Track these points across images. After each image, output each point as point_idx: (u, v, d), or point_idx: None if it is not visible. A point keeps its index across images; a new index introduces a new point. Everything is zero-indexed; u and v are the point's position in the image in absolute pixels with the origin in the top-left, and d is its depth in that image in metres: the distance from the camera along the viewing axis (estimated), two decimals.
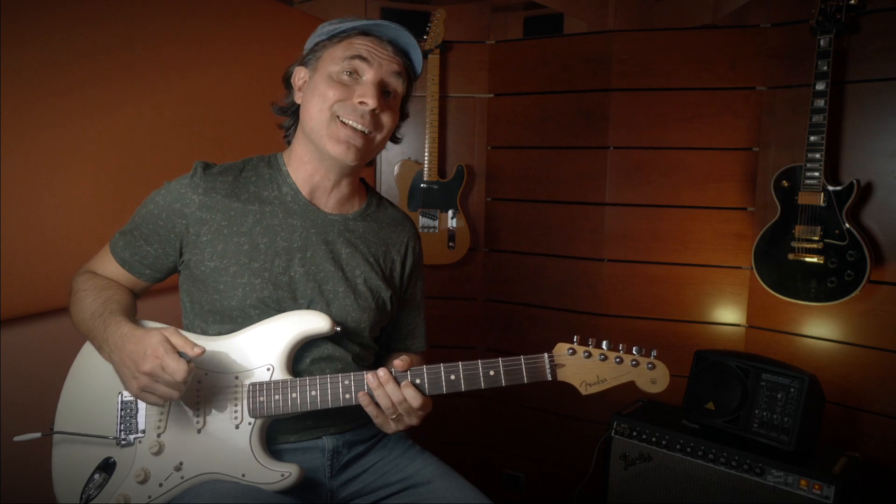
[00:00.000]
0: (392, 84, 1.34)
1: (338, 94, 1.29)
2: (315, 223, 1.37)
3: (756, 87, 2.41)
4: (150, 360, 1.14)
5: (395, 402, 1.24)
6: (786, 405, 1.94)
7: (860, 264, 2.06)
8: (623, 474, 2.15)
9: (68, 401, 1.32)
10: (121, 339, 1.20)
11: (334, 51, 1.33)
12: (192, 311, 1.36)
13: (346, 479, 1.40)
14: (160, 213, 1.32)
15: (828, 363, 2.26)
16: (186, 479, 1.25)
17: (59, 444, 1.30)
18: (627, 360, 1.28)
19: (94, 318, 1.27)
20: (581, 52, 2.61)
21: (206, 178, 1.33)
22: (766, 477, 1.89)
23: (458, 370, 1.27)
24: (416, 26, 2.63)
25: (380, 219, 1.49)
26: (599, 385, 1.28)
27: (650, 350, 1.30)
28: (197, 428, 1.27)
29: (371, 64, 1.30)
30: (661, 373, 1.28)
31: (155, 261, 1.35)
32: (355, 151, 1.31)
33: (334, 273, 1.36)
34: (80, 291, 1.34)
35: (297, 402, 1.27)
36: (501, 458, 2.96)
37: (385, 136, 1.36)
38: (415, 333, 1.59)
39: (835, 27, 2.05)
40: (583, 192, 2.66)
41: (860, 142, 2.16)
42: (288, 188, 1.38)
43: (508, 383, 1.28)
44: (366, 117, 1.30)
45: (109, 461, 1.25)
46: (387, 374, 1.25)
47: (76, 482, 1.26)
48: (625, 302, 2.62)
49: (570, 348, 1.29)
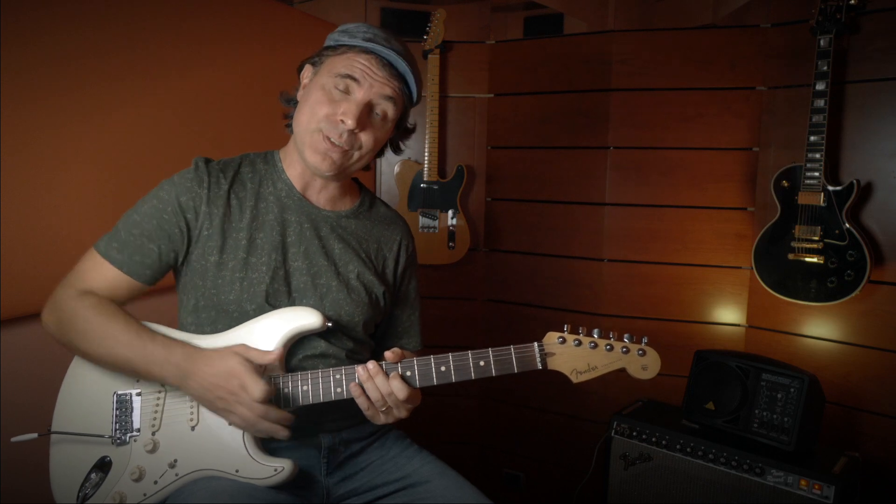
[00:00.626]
0: (381, 106, 1.35)
1: (326, 110, 1.31)
2: (309, 218, 1.40)
3: (756, 87, 2.41)
4: (232, 382, 1.20)
5: (383, 394, 1.25)
6: (786, 405, 1.94)
7: (860, 264, 2.06)
8: (623, 474, 2.15)
9: (65, 400, 1.32)
10: (194, 365, 1.23)
11: (335, 61, 1.34)
12: (188, 307, 1.36)
13: (342, 477, 1.40)
14: (165, 207, 1.31)
15: (828, 363, 2.26)
16: (181, 477, 1.26)
17: (57, 444, 1.31)
18: (618, 347, 1.28)
19: (139, 343, 1.24)
20: (581, 52, 2.61)
21: (209, 173, 1.34)
22: (766, 477, 1.89)
23: (448, 361, 1.28)
24: (416, 26, 2.63)
25: (372, 217, 1.51)
26: (590, 372, 1.28)
27: (640, 337, 1.30)
28: (191, 425, 1.28)
29: (361, 85, 1.32)
30: (651, 359, 1.27)
31: (157, 259, 1.32)
32: (330, 163, 1.33)
33: (327, 268, 1.38)
34: (96, 317, 1.26)
35: (290, 396, 1.27)
36: (501, 458, 2.95)
37: (365, 153, 1.37)
38: (410, 332, 1.59)
39: (835, 27, 2.05)
40: (583, 192, 2.66)
41: (860, 142, 2.16)
42: (283, 184, 1.40)
43: (499, 373, 1.29)
44: (343, 135, 1.32)
45: (105, 460, 1.26)
46: (376, 367, 1.26)
47: (73, 481, 1.26)
48: (625, 302, 2.62)
49: (560, 337, 1.29)
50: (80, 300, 1.28)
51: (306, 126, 1.33)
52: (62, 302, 1.29)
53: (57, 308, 1.30)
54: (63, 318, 1.28)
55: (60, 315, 1.29)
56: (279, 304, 1.33)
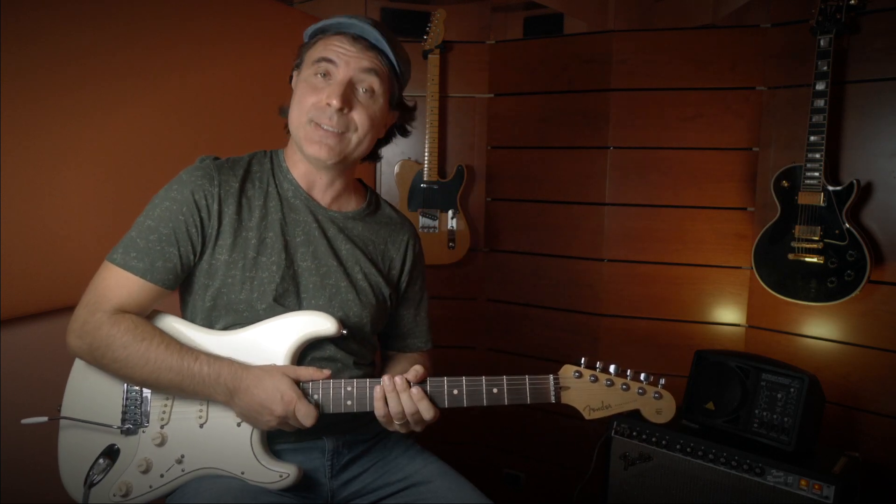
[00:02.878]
0: (365, 81, 1.33)
1: (312, 100, 1.31)
2: (316, 218, 1.39)
3: (756, 87, 2.41)
4: (282, 406, 1.21)
5: (407, 412, 1.24)
6: (786, 405, 1.94)
7: (860, 264, 2.06)
8: (623, 474, 2.15)
9: (75, 387, 1.33)
10: (242, 383, 1.24)
11: (311, 53, 1.35)
12: (196, 306, 1.34)
13: (346, 479, 1.40)
14: (180, 207, 1.28)
15: (828, 363, 2.25)
16: (187, 472, 1.27)
17: (66, 429, 1.32)
18: (634, 387, 1.27)
19: (184, 366, 1.24)
20: (581, 52, 2.61)
21: (219, 171, 1.32)
22: (765, 477, 1.89)
23: (461, 385, 1.27)
24: (416, 26, 2.63)
25: (378, 219, 1.50)
26: (604, 411, 1.27)
27: (657, 378, 1.28)
28: (199, 423, 1.29)
29: (337, 64, 1.31)
30: (667, 403, 1.27)
31: (179, 262, 1.28)
32: (328, 150, 1.32)
33: (336, 268, 1.38)
34: (135, 343, 1.24)
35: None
36: (501, 458, 2.95)
37: (363, 135, 1.35)
38: (415, 332, 1.58)
39: (835, 27, 2.05)
40: (583, 192, 2.65)
41: (860, 142, 2.16)
42: (289, 184, 1.39)
43: (511, 402, 1.27)
44: (333, 118, 1.30)
45: (114, 448, 1.25)
46: (404, 383, 1.24)
47: (81, 465, 1.26)
48: (625, 302, 2.61)
49: (577, 371, 1.28)
50: (114, 326, 1.24)
51: (298, 121, 1.34)
52: (93, 329, 1.24)
53: (87, 334, 1.25)
54: (97, 344, 1.24)
55: (93, 342, 1.24)
56: (288, 303, 1.33)
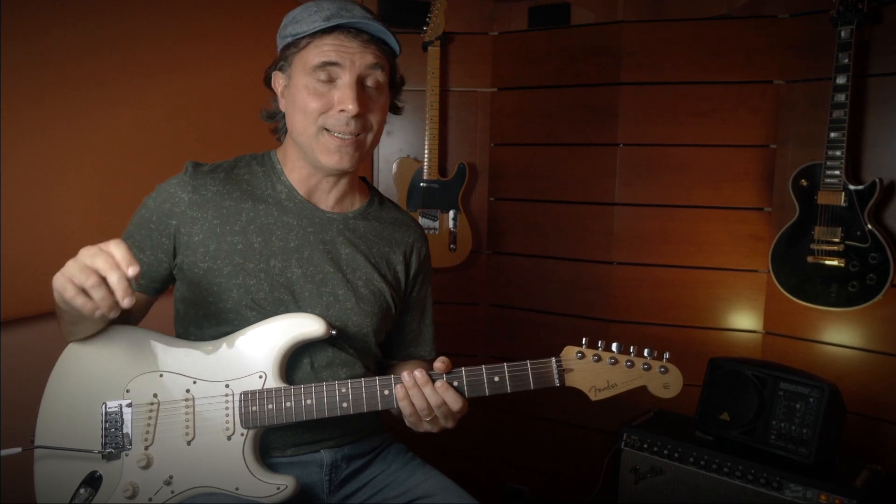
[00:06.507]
0: (372, 77, 1.32)
1: (318, 106, 1.29)
2: (312, 222, 1.37)
3: (773, 81, 2.40)
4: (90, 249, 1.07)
5: (433, 405, 1.23)
6: (805, 415, 1.92)
7: (883, 267, 2.03)
8: (633, 489, 2.14)
9: (49, 411, 1.29)
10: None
11: (305, 56, 1.30)
12: (187, 316, 1.36)
13: (345, 495, 1.40)
14: (151, 216, 1.32)
15: (849, 371, 2.24)
16: (177, 494, 1.25)
17: (42, 459, 1.28)
18: (639, 363, 1.27)
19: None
20: (589, 43, 2.60)
21: (195, 176, 1.34)
22: (783, 491, 1.87)
23: (461, 376, 1.26)
24: (416, 16, 2.63)
25: (382, 218, 1.48)
26: (610, 390, 1.27)
27: (662, 353, 1.28)
28: (187, 440, 1.26)
29: (343, 66, 1.28)
30: (673, 377, 1.27)
31: (149, 269, 1.33)
32: (349, 157, 1.32)
33: (334, 275, 1.36)
34: None
35: (292, 411, 1.26)
36: (504, 471, 2.95)
37: (378, 131, 1.36)
38: (419, 340, 1.57)
39: (856, 17, 2.03)
40: (591, 191, 2.64)
41: (883, 138, 2.14)
42: (283, 186, 1.38)
43: (514, 389, 1.26)
44: (350, 124, 1.29)
45: (95, 475, 1.24)
46: (424, 376, 1.24)
47: (61, 497, 1.24)
48: (635, 307, 2.61)
49: (579, 352, 1.28)
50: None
51: (306, 131, 1.31)
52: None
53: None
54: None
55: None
56: (283, 311, 1.32)
